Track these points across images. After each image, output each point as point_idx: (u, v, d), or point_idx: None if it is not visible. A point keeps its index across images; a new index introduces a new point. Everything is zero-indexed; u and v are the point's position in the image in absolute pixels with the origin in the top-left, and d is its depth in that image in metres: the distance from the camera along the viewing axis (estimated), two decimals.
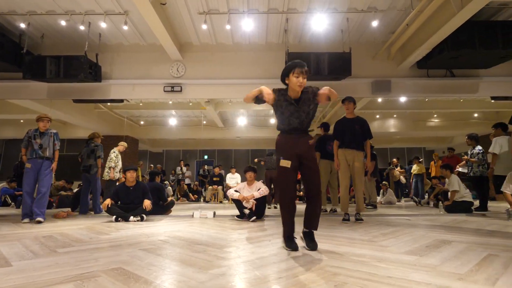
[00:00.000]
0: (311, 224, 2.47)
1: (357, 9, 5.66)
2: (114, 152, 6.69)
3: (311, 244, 2.38)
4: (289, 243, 2.40)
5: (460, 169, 7.01)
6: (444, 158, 7.99)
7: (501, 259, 2.02)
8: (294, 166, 2.41)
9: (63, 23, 5.91)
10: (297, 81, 2.33)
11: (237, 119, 12.66)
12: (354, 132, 4.38)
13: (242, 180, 8.25)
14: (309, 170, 2.43)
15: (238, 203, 4.73)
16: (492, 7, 5.50)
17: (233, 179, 9.73)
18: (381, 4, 5.48)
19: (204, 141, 14.51)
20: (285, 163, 2.39)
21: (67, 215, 5.22)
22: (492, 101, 7.68)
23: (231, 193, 4.85)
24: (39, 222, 4.32)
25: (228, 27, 5.89)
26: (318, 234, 3.11)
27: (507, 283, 1.52)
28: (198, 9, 5.66)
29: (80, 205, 5.92)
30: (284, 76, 2.43)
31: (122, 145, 7.01)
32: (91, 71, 6.13)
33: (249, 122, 12.88)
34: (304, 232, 2.52)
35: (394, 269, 1.79)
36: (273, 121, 12.59)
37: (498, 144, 5.39)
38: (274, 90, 2.45)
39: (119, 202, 4.83)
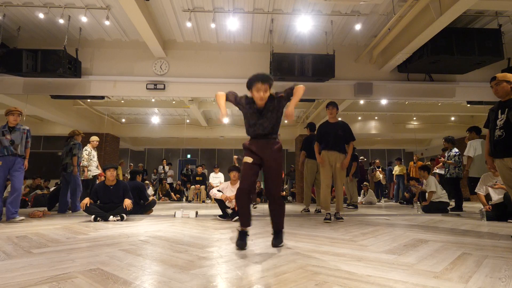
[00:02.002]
0: (276, 225, 2.54)
1: (341, 12, 5.75)
2: (86, 150, 6.50)
3: (275, 241, 2.48)
4: (239, 239, 2.41)
5: (437, 171, 7.25)
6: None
7: (474, 257, 2.10)
8: (257, 163, 2.47)
9: (41, 15, 5.70)
10: (258, 96, 2.40)
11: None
12: (337, 136, 4.53)
13: (226, 180, 8.22)
14: (270, 169, 2.47)
15: (220, 202, 4.71)
16: (469, 15, 5.71)
17: (216, 178, 9.68)
18: (364, 8, 5.59)
19: (187, 140, 14.36)
20: (248, 159, 2.47)
21: (43, 214, 5.05)
22: (468, 105, 7.98)
23: (214, 192, 4.82)
24: (21, 220, 4.26)
25: (213, 25, 5.85)
26: (300, 234, 3.14)
27: (479, 280, 1.58)
28: (183, 6, 5.59)
29: (58, 204, 5.77)
30: (248, 88, 2.49)
31: (94, 140, 6.76)
32: (70, 66, 5.95)
33: (233, 122, 12.83)
34: (273, 234, 2.58)
35: (373, 267, 1.83)
36: None
37: (473, 147, 5.60)
38: (246, 96, 2.55)
39: (98, 202, 4.71)
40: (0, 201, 4.37)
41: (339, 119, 4.84)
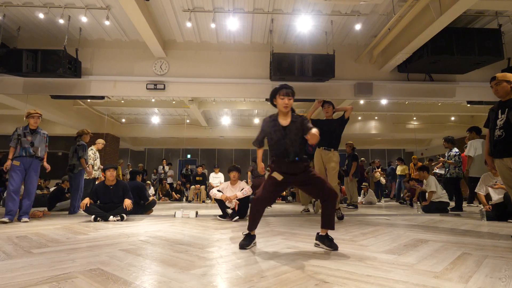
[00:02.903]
0: (328, 224, 2.46)
1: (341, 12, 5.74)
2: (91, 150, 6.50)
3: (333, 244, 2.39)
4: (243, 240, 2.49)
5: (437, 171, 7.24)
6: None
7: (474, 257, 2.10)
8: (285, 184, 2.51)
9: (41, 15, 5.70)
10: (282, 103, 2.46)
11: (221, 119, 12.60)
12: (334, 130, 4.52)
13: (226, 180, 8.22)
14: (316, 183, 2.46)
15: (220, 203, 4.71)
16: (469, 15, 5.71)
17: (216, 178, 9.67)
18: (364, 8, 5.59)
19: (187, 140, 14.37)
20: (277, 175, 2.47)
21: (43, 214, 5.04)
22: (468, 105, 7.98)
23: (214, 192, 4.82)
24: (25, 222, 4.27)
25: (213, 25, 5.84)
26: (300, 234, 3.15)
27: (479, 280, 1.58)
28: (183, 6, 5.59)
29: (70, 206, 5.74)
30: (272, 98, 2.57)
31: (100, 142, 6.77)
32: (70, 66, 5.95)
33: (233, 122, 12.84)
34: (319, 236, 2.50)
35: (373, 267, 1.83)
36: (257, 120, 12.61)
37: (473, 147, 5.60)
38: (268, 117, 2.60)
39: (98, 202, 4.71)
40: (17, 202, 4.36)
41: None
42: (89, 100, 9.60)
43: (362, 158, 10.40)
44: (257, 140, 2.69)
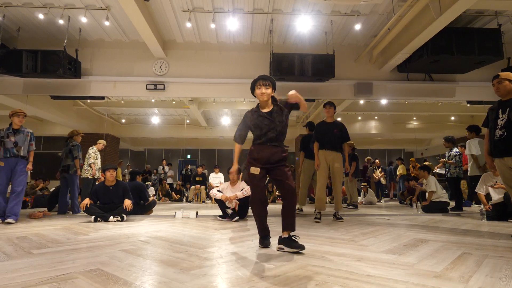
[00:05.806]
0: (288, 226, 2.41)
1: (341, 12, 5.75)
2: (92, 149, 6.50)
3: (298, 245, 2.26)
4: (262, 240, 2.54)
5: (437, 170, 7.24)
6: None
7: (474, 257, 2.10)
8: (264, 173, 2.49)
9: (41, 16, 5.70)
10: (259, 92, 2.56)
11: (220, 119, 12.60)
12: (333, 135, 4.56)
13: (226, 180, 8.21)
14: (280, 176, 2.46)
15: (221, 203, 4.71)
16: (469, 15, 5.71)
17: (216, 178, 9.67)
18: (364, 8, 5.59)
19: (187, 140, 14.38)
20: (255, 170, 2.48)
21: (43, 215, 5.04)
22: (468, 105, 7.98)
23: (214, 193, 4.82)
24: (9, 223, 4.11)
25: (212, 26, 5.85)
26: (300, 234, 3.14)
27: (480, 280, 1.58)
28: (183, 6, 5.59)
29: (58, 205, 5.75)
30: (252, 90, 2.65)
31: (101, 143, 6.77)
32: (70, 66, 5.95)
33: (232, 122, 12.84)
34: (282, 240, 2.37)
35: (374, 267, 1.83)
36: None
37: (473, 146, 5.60)
38: (249, 112, 2.65)
39: (98, 202, 4.70)
40: (3, 201, 4.34)
41: (338, 119, 4.83)
42: (89, 101, 9.60)
43: (368, 157, 10.41)
44: (239, 136, 2.69)
